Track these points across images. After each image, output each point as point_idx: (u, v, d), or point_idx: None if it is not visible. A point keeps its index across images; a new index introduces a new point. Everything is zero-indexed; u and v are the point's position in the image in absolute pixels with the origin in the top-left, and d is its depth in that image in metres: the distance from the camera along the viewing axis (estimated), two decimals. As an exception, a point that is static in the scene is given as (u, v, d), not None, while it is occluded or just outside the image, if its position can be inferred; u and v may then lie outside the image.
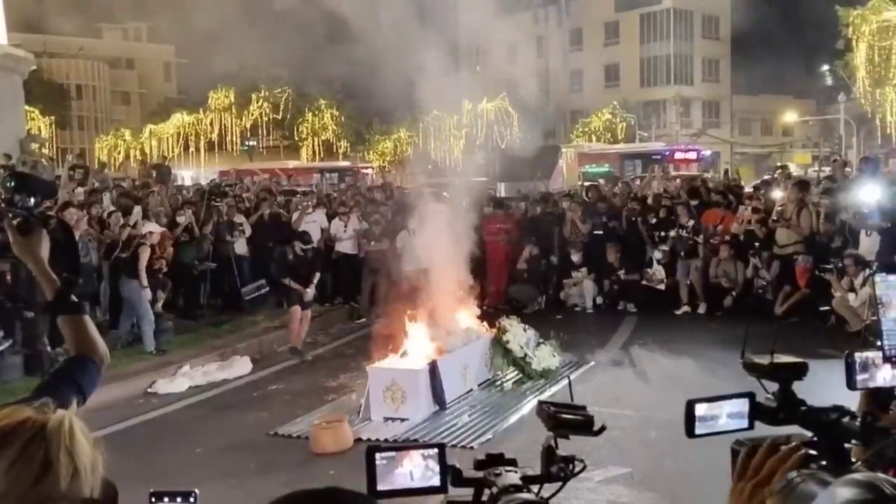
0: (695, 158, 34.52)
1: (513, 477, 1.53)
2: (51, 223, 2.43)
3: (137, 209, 13.00)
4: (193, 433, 8.39)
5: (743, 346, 1.99)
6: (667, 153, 34.54)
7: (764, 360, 1.91)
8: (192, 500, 1.61)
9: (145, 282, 11.20)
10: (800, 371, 1.87)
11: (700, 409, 1.75)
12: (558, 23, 63.03)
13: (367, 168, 41.93)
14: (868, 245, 12.06)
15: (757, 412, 1.80)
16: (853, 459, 1.68)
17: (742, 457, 1.43)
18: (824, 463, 1.41)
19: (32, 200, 2.36)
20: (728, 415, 1.77)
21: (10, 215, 2.33)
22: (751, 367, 1.94)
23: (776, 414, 1.81)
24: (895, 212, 11.95)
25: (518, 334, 10.01)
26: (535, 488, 1.57)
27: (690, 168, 31.73)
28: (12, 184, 2.38)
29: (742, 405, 1.78)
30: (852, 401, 1.95)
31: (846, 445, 1.70)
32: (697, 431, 1.76)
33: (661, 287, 14.13)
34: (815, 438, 1.69)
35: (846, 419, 1.73)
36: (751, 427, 1.77)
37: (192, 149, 52.02)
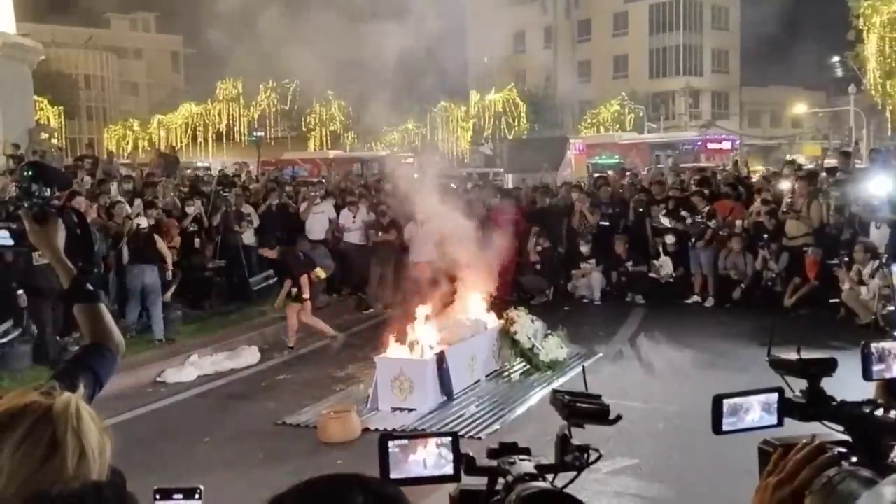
0: (729, 148, 33.16)
1: (527, 466, 1.52)
2: (65, 212, 2.44)
3: (138, 201, 13.01)
4: (201, 422, 8.41)
5: (769, 343, 1.94)
6: (699, 143, 33.68)
7: (791, 356, 1.86)
8: (196, 496, 1.61)
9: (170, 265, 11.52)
10: (829, 367, 1.83)
11: (728, 405, 1.71)
12: (567, 13, 62.83)
13: (407, 156, 41.48)
14: (878, 237, 12.00)
15: (786, 408, 1.75)
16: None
17: (774, 458, 1.39)
18: (855, 460, 1.37)
19: (49, 190, 2.37)
20: (756, 410, 1.72)
21: (27, 204, 2.33)
22: (778, 365, 1.89)
23: (806, 409, 1.77)
24: (905, 204, 11.88)
25: (526, 325, 10.00)
26: (548, 478, 1.56)
27: (724, 158, 30.51)
28: (30, 173, 2.39)
29: (771, 400, 1.73)
30: (864, 393, 1.93)
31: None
32: (725, 428, 1.70)
33: (670, 279, 14.09)
34: (847, 436, 1.65)
35: (880, 412, 1.69)
36: (780, 423, 1.72)
37: (200, 139, 52.10)
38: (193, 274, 13.15)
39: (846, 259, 11.84)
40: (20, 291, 9.87)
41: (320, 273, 12.18)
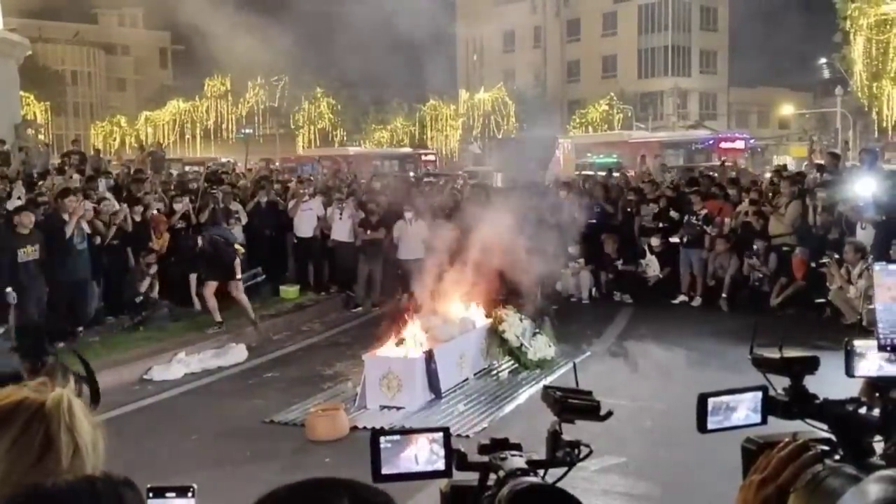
0: (742, 147, 32.22)
1: (519, 461, 1.52)
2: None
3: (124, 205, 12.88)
4: (189, 420, 8.38)
5: (752, 341, 1.95)
6: (711, 141, 32.81)
7: (773, 354, 1.87)
8: (189, 494, 1.61)
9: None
10: (811, 365, 1.84)
11: (713, 404, 1.72)
12: (556, 13, 62.91)
13: (428, 154, 40.96)
14: (863, 238, 12.11)
15: (770, 406, 1.76)
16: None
17: (760, 456, 1.40)
18: (837, 458, 1.38)
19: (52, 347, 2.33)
20: (741, 409, 1.72)
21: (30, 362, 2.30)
22: (760, 363, 1.89)
23: (790, 408, 1.78)
24: (890, 205, 11.98)
25: (514, 324, 10.01)
26: (539, 473, 1.57)
27: (737, 157, 29.48)
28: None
29: (755, 399, 1.74)
30: (847, 391, 1.94)
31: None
32: (710, 426, 1.71)
33: (658, 276, 14.12)
34: (830, 433, 1.66)
35: (863, 410, 1.70)
36: (764, 422, 1.74)
37: (187, 136, 51.90)
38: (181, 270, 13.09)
39: (837, 256, 11.92)
40: (9, 289, 9.83)
41: (240, 249, 12.42)
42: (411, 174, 30.15)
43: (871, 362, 1.87)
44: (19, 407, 1.42)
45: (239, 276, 11.82)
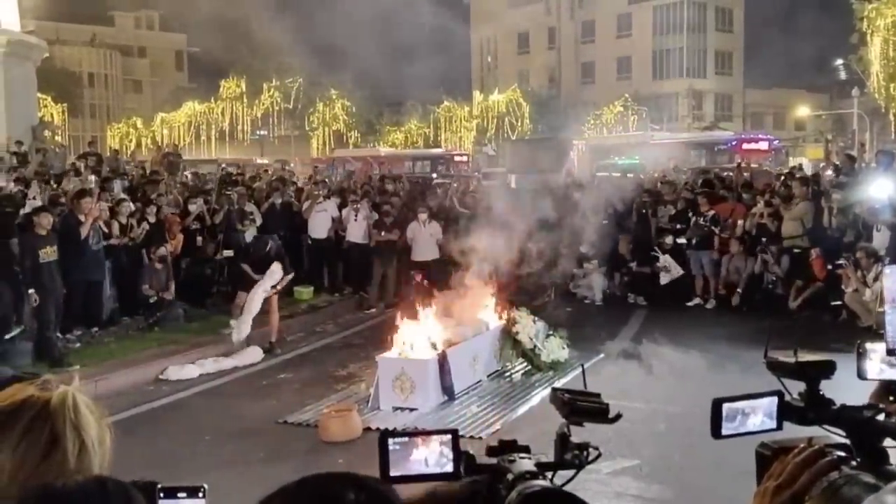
0: (766, 149, 31.56)
1: (527, 463, 1.51)
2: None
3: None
4: (203, 420, 8.42)
5: (766, 344, 1.92)
6: (734, 142, 32.30)
7: (788, 358, 1.84)
8: (200, 494, 1.62)
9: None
10: (827, 369, 1.81)
11: (727, 409, 1.70)
12: (571, 14, 62.81)
13: (461, 155, 40.85)
14: (880, 240, 12.01)
15: (785, 412, 1.74)
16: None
17: (775, 461, 1.38)
18: (854, 464, 1.35)
19: None
20: (756, 415, 1.70)
21: None
22: (775, 366, 1.87)
23: (805, 413, 1.76)
24: (907, 207, 11.88)
25: (527, 326, 10.00)
26: (548, 475, 1.56)
27: (761, 159, 29.07)
28: None
29: (770, 404, 1.72)
30: (864, 396, 1.92)
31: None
32: (724, 432, 1.69)
33: (680, 273, 14.03)
34: (847, 439, 1.63)
35: (881, 417, 1.67)
36: (779, 427, 1.72)
37: (203, 138, 52.16)
38: (195, 271, 13.16)
39: (854, 257, 11.83)
40: (31, 291, 9.92)
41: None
42: (433, 175, 29.96)
43: (878, 365, 1.84)
44: (24, 405, 1.41)
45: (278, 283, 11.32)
